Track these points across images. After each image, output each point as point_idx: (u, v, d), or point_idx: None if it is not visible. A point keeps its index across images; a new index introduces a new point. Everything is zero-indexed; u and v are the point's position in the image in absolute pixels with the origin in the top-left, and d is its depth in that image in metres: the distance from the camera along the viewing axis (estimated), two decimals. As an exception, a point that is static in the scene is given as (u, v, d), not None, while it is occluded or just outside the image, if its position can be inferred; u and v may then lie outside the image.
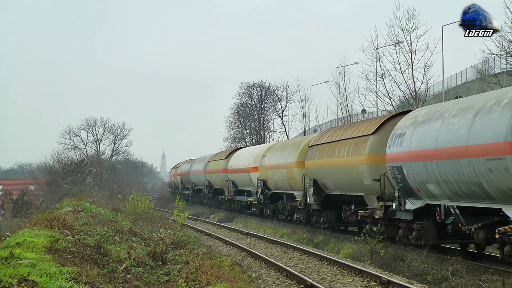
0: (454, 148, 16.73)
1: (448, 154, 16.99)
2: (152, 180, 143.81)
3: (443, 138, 17.37)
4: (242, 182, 43.40)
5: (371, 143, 22.95)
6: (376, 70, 42.30)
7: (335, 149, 26.07)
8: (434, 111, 19.04)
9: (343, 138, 25.71)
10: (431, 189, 18.32)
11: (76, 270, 13.01)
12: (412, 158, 19.03)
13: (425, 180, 18.43)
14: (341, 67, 53.82)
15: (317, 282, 16.31)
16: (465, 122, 16.46)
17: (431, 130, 18.23)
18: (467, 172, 16.16)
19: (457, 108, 17.59)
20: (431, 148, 17.97)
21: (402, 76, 38.98)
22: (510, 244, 15.26)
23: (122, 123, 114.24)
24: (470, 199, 16.69)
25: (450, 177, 17.04)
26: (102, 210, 29.83)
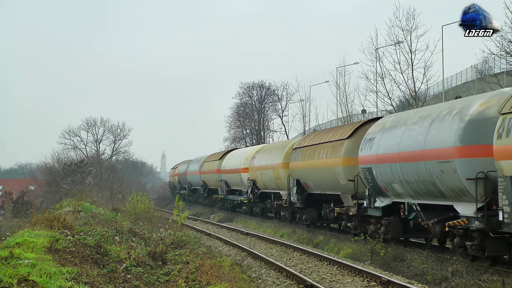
0: (414, 152, 19.01)
1: (409, 157, 19.22)
2: (152, 180, 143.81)
3: (405, 143, 19.63)
4: (234, 182, 45.52)
5: (346, 146, 25.24)
6: (376, 70, 42.28)
7: (315, 151, 28.32)
8: (399, 119, 21.35)
9: (322, 141, 28.00)
10: (396, 189, 20.54)
11: (76, 270, 13.01)
12: (380, 160, 21.17)
13: (391, 180, 20.67)
14: (341, 67, 53.85)
15: (317, 282, 16.31)
16: (423, 129, 18.78)
17: (395, 135, 20.48)
18: (424, 173, 18.40)
19: (418, 116, 19.89)
20: (395, 152, 20.19)
21: (402, 76, 38.95)
22: (459, 236, 17.39)
23: (122, 123, 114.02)
24: (428, 197, 18.91)
25: (411, 178, 19.31)
26: (102, 210, 29.83)
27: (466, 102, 18.27)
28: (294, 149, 31.96)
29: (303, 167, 29.94)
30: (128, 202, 30.65)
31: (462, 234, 17.29)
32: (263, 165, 37.26)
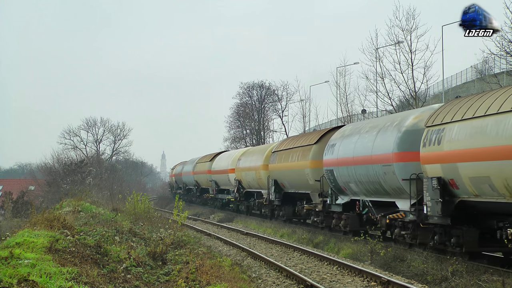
0: (364, 156, 22.56)
1: (361, 161, 22.77)
2: (152, 180, 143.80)
3: (358, 149, 23.24)
4: (222, 182, 49.31)
5: (314, 151, 28.90)
6: (376, 70, 42.28)
7: (289, 155, 32.11)
8: (355, 128, 25.11)
9: (295, 146, 31.74)
10: (353, 188, 24.25)
11: (76, 270, 13.01)
12: (339, 163, 24.78)
13: (348, 181, 24.35)
14: (341, 67, 53.84)
15: (317, 282, 16.32)
16: (372, 138, 22.44)
17: (351, 142, 24.15)
18: (372, 174, 22.00)
19: (369, 126, 23.64)
20: (351, 156, 23.76)
21: (402, 76, 38.94)
22: (398, 227, 21.03)
23: (122, 123, 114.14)
24: (377, 195, 22.66)
25: (363, 178, 22.91)
26: (102, 210, 29.83)
27: (404, 115, 21.82)
28: (273, 152, 35.65)
29: (279, 169, 33.63)
30: (128, 202, 30.64)
31: (400, 225, 20.89)
32: (247, 166, 40.91)
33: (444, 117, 17.95)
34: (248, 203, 43.12)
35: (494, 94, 16.48)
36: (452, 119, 17.38)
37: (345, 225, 25.61)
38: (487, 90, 21.05)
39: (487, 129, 15.69)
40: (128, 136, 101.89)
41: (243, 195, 43.35)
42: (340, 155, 24.77)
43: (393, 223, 21.17)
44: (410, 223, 20.15)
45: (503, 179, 14.97)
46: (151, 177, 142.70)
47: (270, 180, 35.23)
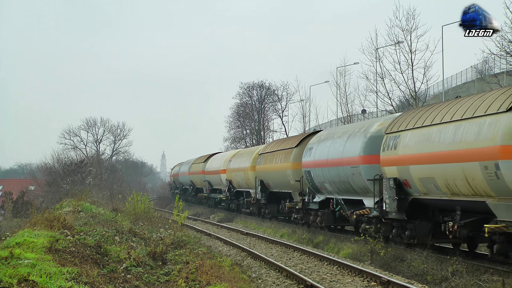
0: (336, 159, 25.16)
1: (334, 163, 25.43)
2: (152, 180, 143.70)
3: (331, 152, 25.88)
4: (215, 182, 52.20)
5: (294, 153, 31.59)
6: (376, 70, 42.30)
7: (273, 157, 34.94)
8: (330, 133, 27.94)
9: (279, 149, 34.61)
10: (327, 187, 26.87)
11: (76, 270, 13.01)
12: (316, 165, 27.39)
13: (323, 181, 26.95)
14: (341, 67, 53.87)
15: (317, 282, 16.31)
16: (343, 142, 25.07)
17: (326, 146, 26.82)
18: (343, 175, 24.65)
19: (341, 131, 26.41)
20: (325, 159, 26.40)
21: (402, 76, 38.95)
22: (365, 222, 23.33)
23: (122, 123, 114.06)
24: (347, 193, 25.17)
25: (335, 179, 25.57)
26: (102, 210, 29.82)
27: (370, 122, 24.57)
28: (259, 154, 38.43)
29: (265, 170, 36.50)
30: (128, 202, 30.63)
31: (366, 221, 23.21)
32: (237, 167, 43.65)
33: (400, 126, 20.58)
34: (238, 202, 45.58)
35: (439, 107, 19.04)
36: (406, 127, 20.02)
37: (321, 221, 28.44)
38: (487, 90, 21.35)
39: (432, 137, 18.19)
40: (128, 136, 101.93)
41: (233, 194, 45.92)
42: (316, 158, 27.52)
43: (360, 219, 23.69)
44: (374, 219, 22.53)
45: (444, 180, 17.53)
46: (151, 177, 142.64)
47: (257, 180, 37.86)
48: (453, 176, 17.13)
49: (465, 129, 16.59)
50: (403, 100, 41.93)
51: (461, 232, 17.43)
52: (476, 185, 16.19)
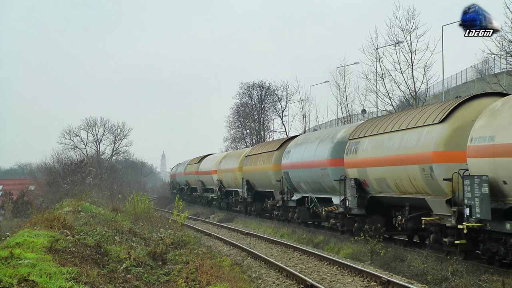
0: (309, 161, 28.38)
1: (307, 165, 28.68)
2: (152, 180, 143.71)
3: (305, 155, 29.14)
4: (207, 182, 55.44)
5: (275, 156, 35.04)
6: (376, 70, 42.30)
7: (258, 159, 38.34)
8: (305, 138, 31.56)
9: (262, 152, 38.24)
10: (303, 187, 30.12)
11: (76, 270, 13.00)
12: (293, 167, 30.87)
13: (299, 181, 30.25)
14: (341, 67, 53.88)
15: (317, 282, 16.31)
16: (315, 146, 28.36)
17: (301, 149, 30.22)
18: (315, 176, 27.93)
19: (314, 137, 29.92)
20: (300, 161, 29.76)
21: (402, 76, 38.91)
22: (332, 218, 26.79)
23: (122, 123, 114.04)
24: (319, 192, 28.44)
25: (309, 179, 28.75)
26: (102, 210, 29.81)
27: (338, 129, 28.19)
28: (246, 156, 41.55)
29: (251, 171, 39.78)
30: (128, 202, 30.63)
31: (334, 216, 26.64)
32: (226, 168, 46.84)
33: (360, 133, 23.79)
34: (228, 200, 49.01)
35: (391, 118, 22.22)
36: (364, 134, 23.21)
37: (298, 217, 31.84)
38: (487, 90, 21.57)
39: (384, 143, 21.38)
40: (128, 136, 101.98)
41: (223, 193, 49.44)
42: (293, 160, 30.98)
43: (329, 214, 27.09)
44: (340, 214, 25.76)
45: (394, 180, 20.69)
46: (151, 177, 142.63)
47: (244, 180, 41.07)
48: (400, 177, 20.23)
49: (409, 137, 19.75)
50: (403, 100, 41.93)
51: (407, 225, 20.65)
52: (417, 185, 19.31)
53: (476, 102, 18.30)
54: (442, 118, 18.15)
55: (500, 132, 15.37)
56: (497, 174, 15.31)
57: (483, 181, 15.51)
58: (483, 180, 15.54)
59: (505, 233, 15.52)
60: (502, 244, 15.71)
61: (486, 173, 15.59)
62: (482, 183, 15.56)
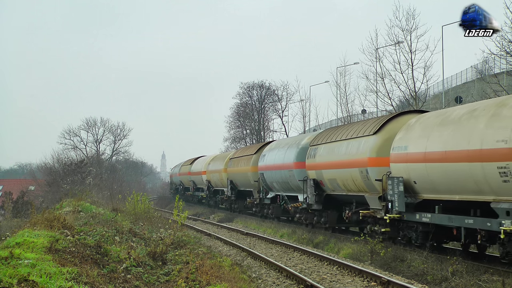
0: (279, 164, 33.27)
1: (278, 167, 33.48)
2: (152, 180, 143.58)
3: (277, 159, 33.94)
4: (198, 182, 60.02)
5: (253, 159, 39.55)
6: (376, 70, 42.28)
7: (239, 161, 42.92)
8: (278, 143, 36.63)
9: (243, 155, 42.97)
10: (275, 186, 34.85)
11: (76, 270, 12.99)
12: (267, 168, 35.67)
13: (272, 181, 35.03)
14: (341, 67, 53.89)
15: (317, 282, 16.31)
16: (284, 151, 33.22)
17: (273, 153, 35.03)
18: (284, 177, 32.62)
19: (285, 143, 35.01)
20: (272, 164, 34.54)
21: (402, 76, 38.86)
22: (298, 213, 31.23)
23: (122, 123, 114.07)
24: (288, 191, 33.09)
25: (280, 179, 33.52)
26: (102, 210, 29.78)
27: (303, 137, 33.29)
28: (230, 159, 46.09)
29: (234, 172, 44.28)
30: (128, 202, 30.62)
31: (299, 211, 31.09)
32: (214, 169, 51.53)
33: (318, 140, 28.38)
34: (215, 199, 53.09)
35: (342, 128, 27.15)
36: (321, 142, 27.70)
37: (272, 213, 36.90)
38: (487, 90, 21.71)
39: (335, 150, 25.76)
40: (128, 136, 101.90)
41: (212, 192, 53.77)
42: (267, 163, 35.70)
43: (295, 210, 31.52)
44: (304, 209, 30.12)
45: (342, 180, 25.02)
46: (151, 177, 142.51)
47: (228, 181, 45.40)
48: (346, 178, 24.47)
49: (352, 145, 24.07)
50: (403, 100, 41.90)
51: (353, 218, 24.87)
52: (358, 184, 23.58)
53: (402, 118, 22.24)
54: (375, 130, 22.36)
55: (411, 143, 19.39)
56: (410, 176, 19.45)
57: (400, 181, 19.66)
58: (399, 180, 19.67)
59: (416, 222, 19.68)
60: (414, 230, 19.95)
61: (402, 175, 19.76)
62: (399, 183, 19.66)
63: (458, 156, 16.78)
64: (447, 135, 17.54)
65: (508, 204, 15.12)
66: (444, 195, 18.01)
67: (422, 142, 18.72)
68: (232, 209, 46.56)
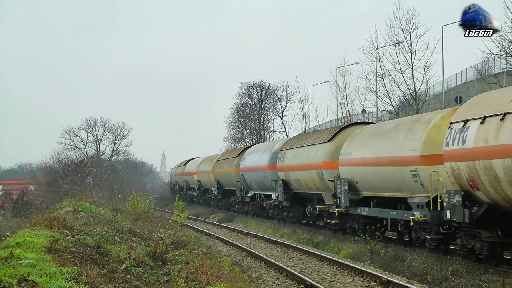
0: (256, 166, 38.27)
1: (255, 169, 38.48)
2: (152, 180, 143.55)
3: (254, 162, 38.96)
4: (190, 182, 64.78)
5: (236, 161, 44.00)
6: (376, 70, 42.25)
7: (224, 163, 47.81)
8: (256, 147, 41.71)
9: (227, 157, 47.76)
10: (254, 186, 39.98)
11: (76, 270, 12.99)
12: (247, 170, 40.38)
13: (251, 181, 39.98)
14: (341, 67, 53.87)
15: (317, 282, 16.31)
16: (260, 155, 38.25)
17: (252, 157, 39.92)
18: (260, 177, 37.57)
19: (261, 147, 40.07)
20: (250, 166, 39.54)
21: (402, 76, 38.82)
22: (272, 209, 36.44)
23: (122, 123, 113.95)
24: (264, 190, 37.97)
25: (257, 180, 38.62)
26: (102, 210, 29.78)
27: (276, 142, 38.76)
28: (217, 161, 50.91)
29: (219, 173, 49.24)
30: (128, 202, 30.61)
31: (272, 208, 36.27)
32: (203, 170, 56.20)
33: (287, 146, 33.27)
34: (205, 197, 57.70)
35: (306, 135, 32.28)
36: (289, 147, 32.56)
37: (251, 210, 41.54)
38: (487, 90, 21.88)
39: (299, 154, 30.36)
40: (128, 136, 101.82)
41: (202, 191, 58.54)
42: (247, 165, 40.42)
43: (269, 207, 36.91)
44: (276, 206, 35.28)
45: (304, 181, 29.66)
46: (151, 177, 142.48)
47: (215, 180, 50.23)
48: (307, 179, 29.20)
49: (311, 151, 28.82)
50: (403, 100, 41.86)
51: (313, 212, 29.74)
52: (316, 184, 28.35)
53: (350, 129, 26.91)
54: (329, 139, 27.39)
55: (354, 150, 23.96)
56: (353, 177, 23.96)
57: (345, 181, 24.29)
58: (345, 180, 24.29)
59: (358, 215, 24.20)
60: (356, 222, 24.57)
61: (347, 176, 24.37)
62: (345, 182, 24.27)
63: (385, 161, 21.03)
64: (379, 144, 21.93)
65: (418, 199, 19.33)
66: (378, 193, 22.50)
67: (361, 150, 23.17)
68: (219, 207, 50.95)
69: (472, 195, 16.30)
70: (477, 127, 15.72)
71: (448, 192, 17.01)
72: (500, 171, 14.60)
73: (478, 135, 15.58)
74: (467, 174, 16.06)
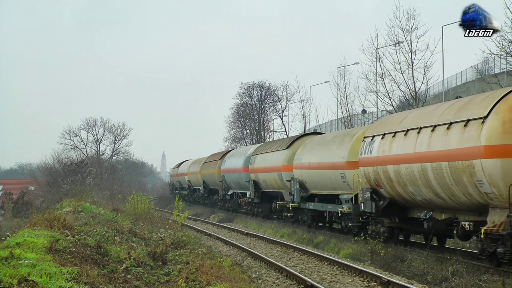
0: (234, 168, 44.15)
1: (232, 170, 44.51)
2: (152, 180, 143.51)
3: (232, 164, 44.81)
4: (183, 182, 70.20)
5: (218, 163, 49.99)
6: (376, 70, 42.25)
7: (209, 165, 54.08)
8: (234, 152, 48.10)
9: (211, 160, 53.94)
10: (232, 185, 45.81)
11: (76, 270, 12.99)
12: (226, 171, 46.42)
13: (230, 181, 45.82)
14: (341, 67, 53.88)
15: (317, 282, 16.30)
16: (237, 158, 43.95)
17: (230, 160, 45.84)
18: (236, 178, 43.49)
19: (238, 152, 45.95)
20: (229, 167, 45.57)
21: (402, 76, 38.82)
22: (246, 205, 42.18)
23: (122, 123, 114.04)
24: (241, 189, 43.57)
25: (234, 180, 44.45)
26: (102, 210, 29.79)
27: (250, 148, 44.68)
28: (203, 163, 57.23)
29: (206, 174, 55.72)
30: (128, 202, 30.62)
31: (247, 204, 41.79)
32: (193, 171, 62.33)
33: (257, 151, 39.57)
34: (194, 196, 63.29)
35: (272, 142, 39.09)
36: (259, 152, 38.73)
37: (230, 206, 47.42)
38: (487, 90, 21.93)
39: (265, 158, 36.52)
40: (128, 136, 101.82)
41: (192, 191, 64.37)
42: (226, 167, 46.50)
43: (244, 203, 42.48)
44: (249, 203, 41.08)
45: (269, 181, 35.87)
46: (151, 177, 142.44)
47: (202, 181, 57.11)
48: (271, 179, 35.32)
49: (274, 156, 34.94)
50: (403, 100, 41.85)
51: (276, 208, 35.75)
52: (278, 184, 34.44)
53: (304, 138, 33.15)
54: (287, 146, 33.50)
55: (304, 156, 29.83)
56: (303, 178, 29.89)
57: (297, 181, 30.34)
58: (297, 181, 30.34)
59: (307, 209, 30.16)
60: (306, 214, 30.63)
61: (298, 177, 30.34)
62: (296, 182, 30.32)
63: (325, 165, 26.96)
64: (321, 152, 27.69)
65: (346, 196, 25.29)
66: (320, 191, 28.52)
67: (309, 156, 29.13)
68: (205, 204, 57.24)
69: (378, 192, 21.68)
70: (379, 141, 21.16)
71: (362, 189, 22.52)
72: (392, 174, 19.96)
73: (379, 147, 21.05)
74: (373, 176, 21.51)
